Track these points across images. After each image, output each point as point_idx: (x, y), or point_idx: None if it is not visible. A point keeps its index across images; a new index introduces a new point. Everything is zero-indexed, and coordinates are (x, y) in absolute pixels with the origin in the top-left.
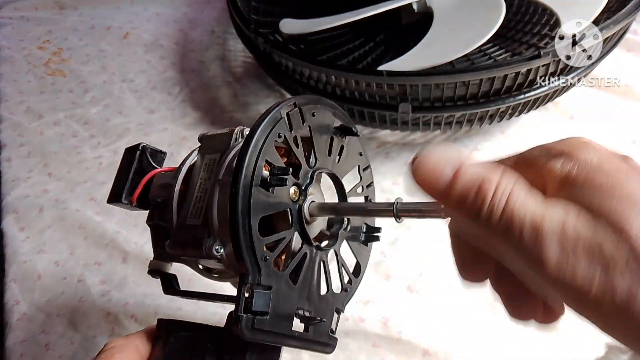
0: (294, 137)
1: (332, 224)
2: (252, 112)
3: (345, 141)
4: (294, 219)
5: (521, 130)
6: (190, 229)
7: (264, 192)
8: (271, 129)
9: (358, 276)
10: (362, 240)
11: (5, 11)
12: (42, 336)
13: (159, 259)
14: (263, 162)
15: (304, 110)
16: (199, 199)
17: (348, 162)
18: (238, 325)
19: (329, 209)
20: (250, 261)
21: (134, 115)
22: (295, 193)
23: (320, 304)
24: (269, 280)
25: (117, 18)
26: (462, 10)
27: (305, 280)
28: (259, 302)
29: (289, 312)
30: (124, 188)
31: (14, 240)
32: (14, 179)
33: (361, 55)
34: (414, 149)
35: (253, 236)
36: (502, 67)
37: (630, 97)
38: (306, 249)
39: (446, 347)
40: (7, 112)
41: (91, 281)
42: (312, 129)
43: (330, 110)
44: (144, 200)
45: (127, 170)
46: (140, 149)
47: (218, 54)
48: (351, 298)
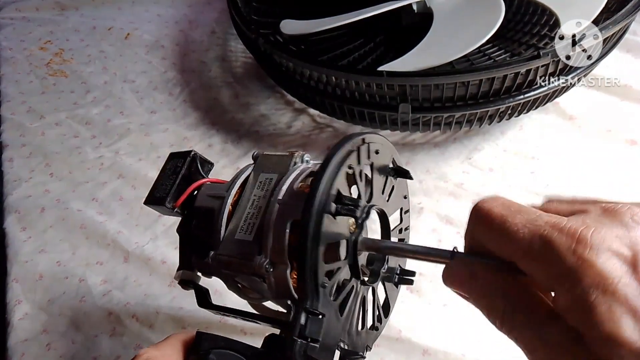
0: (359, 171)
1: (371, 261)
2: (253, 113)
3: (395, 182)
4: (349, 251)
5: (521, 131)
6: (239, 243)
7: (333, 220)
8: (344, 160)
9: (387, 316)
10: (395, 281)
11: (7, 12)
12: (44, 336)
13: (188, 269)
14: (335, 190)
15: (370, 147)
16: (250, 215)
17: (395, 202)
18: (292, 350)
19: (380, 246)
20: (311, 286)
21: (135, 116)
22: (352, 225)
23: (357, 340)
24: (323, 307)
25: (119, 19)
26: (461, 11)
27: (349, 313)
28: (312, 329)
29: (333, 343)
30: (169, 192)
31: (15, 240)
32: (16, 179)
33: (361, 56)
34: (414, 149)
35: (318, 262)
36: (502, 67)
37: (629, 97)
38: (354, 282)
39: (445, 347)
40: (9, 112)
41: (93, 281)
42: (373, 165)
43: (390, 151)
44: (185, 207)
45: (174, 175)
46: (192, 156)
47: (219, 54)
48: (378, 337)
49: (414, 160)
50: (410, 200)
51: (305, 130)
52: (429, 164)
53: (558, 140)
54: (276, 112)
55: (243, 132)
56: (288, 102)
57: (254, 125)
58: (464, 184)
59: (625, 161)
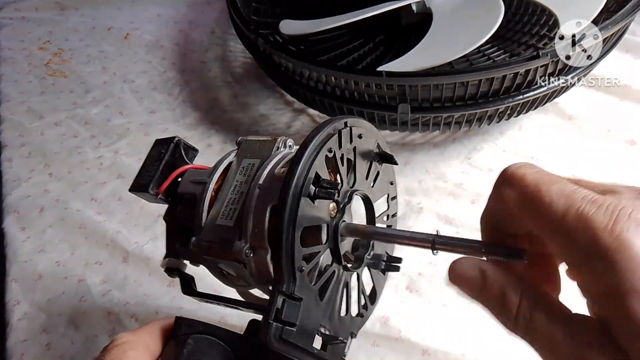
0: (341, 155)
1: (357, 247)
2: (252, 113)
3: (381, 168)
4: (330, 236)
5: (520, 131)
6: (220, 229)
7: (310, 203)
8: (324, 143)
9: (373, 303)
10: (381, 268)
11: (6, 12)
12: (43, 336)
13: (174, 256)
14: (314, 173)
15: (353, 131)
16: (232, 201)
17: (380, 188)
18: (267, 333)
19: (363, 231)
20: (288, 270)
21: (135, 116)
22: (333, 209)
23: (340, 325)
24: (301, 291)
25: (118, 19)
26: (461, 11)
27: (330, 298)
28: (289, 313)
29: (312, 328)
30: (152, 178)
31: (14, 240)
32: (15, 179)
33: (361, 56)
34: (413, 149)
35: (295, 246)
36: (501, 67)
37: (629, 97)
38: (335, 267)
39: (445, 347)
40: (8, 112)
41: (92, 281)
42: (356, 150)
43: (374, 136)
44: (169, 193)
45: (157, 161)
46: (175, 142)
47: (218, 54)
48: (364, 324)
49: (413, 160)
50: (410, 201)
51: (305, 130)
52: (428, 164)
53: (557, 140)
54: (275, 112)
55: (242, 132)
56: (287, 102)
57: (253, 125)
58: (463, 184)
59: (624, 161)
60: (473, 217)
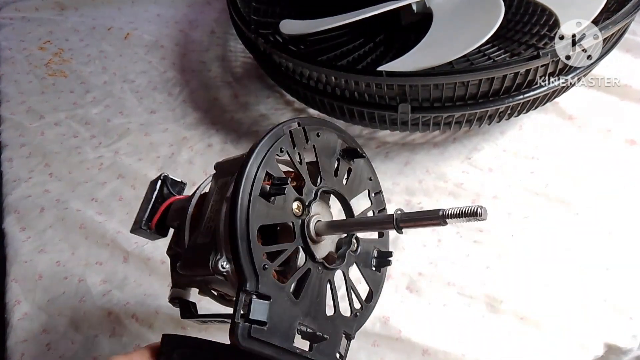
0: (298, 154)
1: (340, 246)
2: (252, 113)
3: (353, 165)
4: (297, 234)
5: (520, 131)
6: (200, 247)
7: (264, 202)
8: (273, 144)
9: (370, 302)
10: (374, 265)
11: (6, 12)
12: (43, 336)
13: (177, 286)
14: (263, 173)
15: (308, 130)
16: (209, 219)
17: (357, 185)
18: (234, 332)
19: (330, 226)
20: (248, 268)
21: (135, 116)
22: (298, 208)
23: (326, 325)
24: (268, 290)
25: (118, 19)
26: (461, 11)
27: (308, 297)
28: (256, 311)
29: (289, 327)
30: (144, 217)
31: (15, 240)
32: (15, 179)
33: (361, 56)
34: (413, 149)
35: (251, 243)
36: (501, 67)
37: (629, 97)
38: (310, 265)
39: (445, 347)
40: (8, 112)
41: (92, 281)
42: (316, 148)
43: (335, 133)
44: (164, 227)
45: (148, 201)
46: (162, 179)
47: (218, 54)
48: (362, 324)
49: (413, 160)
50: (410, 200)
51: None
52: (428, 164)
53: (558, 140)
54: (276, 111)
55: (242, 131)
56: (287, 102)
57: (253, 125)
58: (463, 184)
59: (624, 161)
60: None
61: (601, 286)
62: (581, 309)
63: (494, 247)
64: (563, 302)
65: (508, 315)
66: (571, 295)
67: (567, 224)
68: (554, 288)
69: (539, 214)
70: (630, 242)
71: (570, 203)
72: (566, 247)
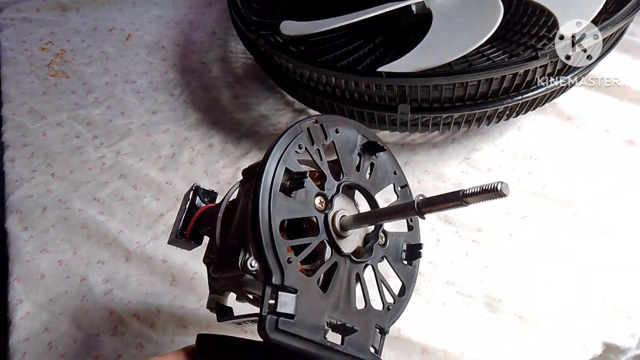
0: (317, 150)
1: (367, 240)
2: (253, 113)
3: (375, 159)
4: (321, 227)
5: (519, 131)
6: (229, 249)
7: (285, 197)
8: (291, 141)
9: (403, 295)
10: (403, 259)
11: (8, 12)
12: (45, 335)
13: (214, 292)
14: (282, 169)
15: (327, 127)
16: (238, 222)
17: (381, 179)
18: (262, 325)
19: (354, 218)
20: (272, 262)
21: (136, 116)
22: (321, 203)
23: (357, 319)
24: (294, 283)
25: (120, 20)
26: (460, 12)
27: (336, 290)
28: (283, 303)
29: (318, 320)
30: (179, 227)
31: (17, 239)
32: (18, 179)
33: (361, 57)
34: (413, 149)
35: (274, 237)
36: (500, 68)
37: (628, 97)
38: (336, 258)
39: (444, 345)
40: (10, 113)
41: (94, 280)
42: (336, 144)
43: (355, 128)
44: (198, 235)
45: (182, 211)
46: (194, 190)
47: (219, 55)
48: (397, 319)
49: (413, 161)
50: None
51: None
52: (427, 164)
53: (556, 140)
54: (276, 112)
55: (243, 132)
56: (288, 103)
57: (254, 126)
58: (462, 184)
59: (623, 161)
60: (472, 217)
61: (600, 286)
62: (580, 308)
63: (492, 246)
64: (561, 302)
65: (507, 314)
66: (570, 294)
67: (566, 224)
68: (552, 287)
69: (538, 214)
70: (629, 242)
71: (569, 203)
72: (565, 247)
